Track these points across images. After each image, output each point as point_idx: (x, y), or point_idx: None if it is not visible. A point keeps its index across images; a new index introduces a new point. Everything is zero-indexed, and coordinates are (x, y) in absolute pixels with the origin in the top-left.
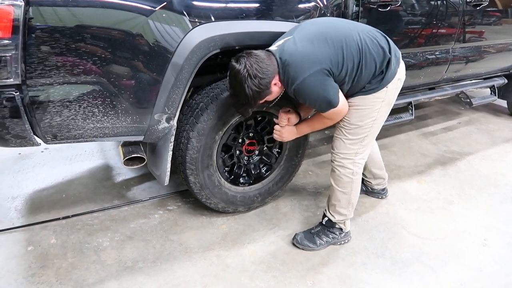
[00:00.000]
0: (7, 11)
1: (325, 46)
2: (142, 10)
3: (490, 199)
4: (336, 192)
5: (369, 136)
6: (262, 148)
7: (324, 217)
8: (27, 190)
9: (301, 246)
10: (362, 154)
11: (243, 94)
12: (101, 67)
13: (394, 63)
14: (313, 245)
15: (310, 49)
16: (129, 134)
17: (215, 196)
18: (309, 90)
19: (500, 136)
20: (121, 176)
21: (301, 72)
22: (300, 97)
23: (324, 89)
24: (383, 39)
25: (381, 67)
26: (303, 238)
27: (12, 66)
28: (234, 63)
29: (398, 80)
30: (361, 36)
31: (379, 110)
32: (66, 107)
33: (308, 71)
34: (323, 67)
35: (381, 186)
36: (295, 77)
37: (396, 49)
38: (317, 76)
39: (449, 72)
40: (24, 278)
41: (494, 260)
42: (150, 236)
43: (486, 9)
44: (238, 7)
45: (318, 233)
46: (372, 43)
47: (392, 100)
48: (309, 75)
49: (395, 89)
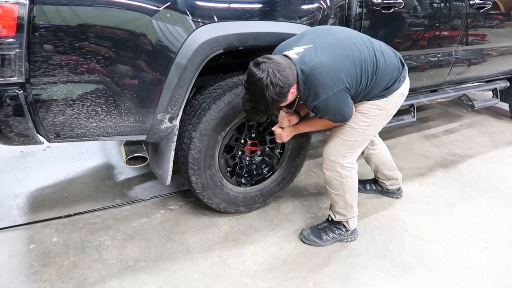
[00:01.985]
0: (11, 10)
1: (346, 63)
2: (146, 10)
3: (492, 202)
4: (331, 194)
5: (359, 142)
6: (264, 148)
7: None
8: (29, 188)
9: (308, 242)
10: (349, 159)
11: (263, 101)
12: (104, 67)
13: (400, 80)
14: (320, 240)
15: (333, 66)
16: (132, 133)
17: (217, 196)
18: (330, 108)
19: (502, 139)
20: (123, 175)
21: (324, 90)
22: (319, 112)
23: (343, 106)
24: (396, 59)
25: (388, 84)
26: (309, 233)
27: (16, 64)
28: (254, 69)
29: (400, 94)
30: (377, 56)
31: (375, 118)
32: (69, 106)
33: (331, 90)
34: (345, 86)
35: (395, 186)
36: (318, 94)
37: (405, 68)
38: (339, 94)
39: (452, 74)
40: (26, 276)
41: (495, 263)
42: (151, 236)
43: (489, 12)
44: (242, 7)
45: (325, 229)
46: (385, 65)
47: (391, 112)
48: (332, 94)
49: (395, 102)
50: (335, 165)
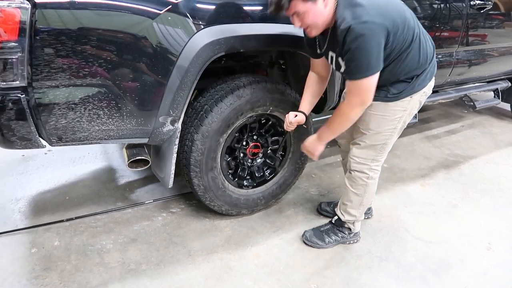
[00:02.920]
0: (13, 14)
1: (395, 12)
2: (147, 13)
3: (494, 202)
4: (350, 193)
5: (388, 144)
6: (266, 151)
7: (334, 215)
8: (31, 192)
9: (310, 243)
10: (378, 162)
11: None
12: (106, 70)
13: (428, 75)
14: (322, 242)
15: (384, 6)
16: (134, 136)
17: (219, 199)
18: (362, 38)
19: (504, 139)
20: (125, 178)
21: (367, 14)
22: (347, 41)
23: (374, 50)
24: (431, 48)
25: (417, 69)
26: (312, 235)
27: (18, 68)
28: None
29: (423, 93)
30: (419, 31)
31: (400, 120)
32: (71, 110)
33: (374, 18)
34: (387, 25)
35: None
36: (360, 15)
37: (435, 64)
38: (378, 29)
39: (453, 75)
40: (27, 280)
41: (498, 264)
42: (153, 239)
43: (489, 12)
44: (243, 10)
45: (327, 231)
46: (419, 44)
47: (414, 111)
48: (373, 23)
49: (418, 102)
50: (363, 167)
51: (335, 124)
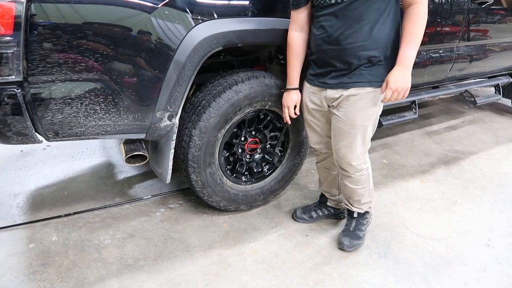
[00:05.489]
0: (9, 8)
1: None
2: (144, 7)
3: (494, 199)
4: (358, 191)
5: (371, 133)
6: (265, 146)
7: (351, 212)
8: (29, 187)
9: (353, 248)
10: (366, 152)
11: None
12: (103, 64)
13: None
14: (360, 239)
15: None
16: (131, 131)
17: (217, 195)
18: None
19: (504, 135)
20: (123, 174)
21: None
22: None
23: None
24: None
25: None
26: (350, 241)
27: (14, 63)
28: None
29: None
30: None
31: (380, 105)
32: (68, 105)
33: None
34: None
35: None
36: None
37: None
38: None
39: (453, 70)
40: (25, 275)
41: (498, 260)
42: (151, 234)
43: (491, 7)
44: (241, 4)
45: (357, 227)
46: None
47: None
48: None
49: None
50: (361, 166)
51: (419, 31)
